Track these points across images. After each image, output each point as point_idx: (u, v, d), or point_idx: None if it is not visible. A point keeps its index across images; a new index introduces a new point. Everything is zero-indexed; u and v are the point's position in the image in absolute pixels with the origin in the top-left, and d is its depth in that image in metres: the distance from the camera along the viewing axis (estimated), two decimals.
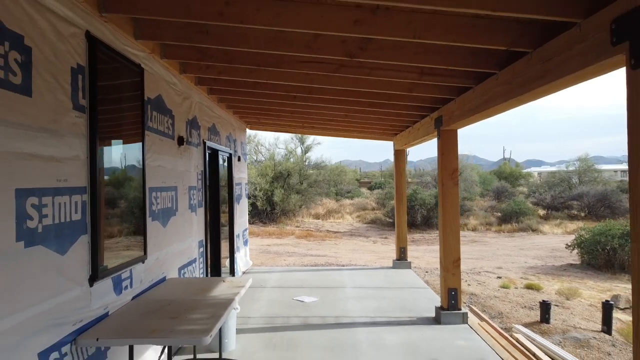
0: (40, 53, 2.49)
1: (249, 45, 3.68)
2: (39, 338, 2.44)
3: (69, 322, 2.72)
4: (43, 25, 2.54)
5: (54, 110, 2.63)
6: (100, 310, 3.10)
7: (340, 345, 4.80)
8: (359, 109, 6.26)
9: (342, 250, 15.48)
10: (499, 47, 3.19)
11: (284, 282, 7.93)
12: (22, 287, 2.31)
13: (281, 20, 3.07)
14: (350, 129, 8.61)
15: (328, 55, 3.78)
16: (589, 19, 2.51)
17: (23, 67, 2.36)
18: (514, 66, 3.47)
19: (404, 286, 7.56)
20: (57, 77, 2.65)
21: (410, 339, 5.01)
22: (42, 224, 2.47)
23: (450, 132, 5.55)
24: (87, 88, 2.99)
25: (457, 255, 5.56)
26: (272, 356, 4.52)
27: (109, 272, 3.20)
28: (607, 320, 6.08)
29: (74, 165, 2.82)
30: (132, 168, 3.69)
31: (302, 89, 5.29)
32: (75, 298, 2.81)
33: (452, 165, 5.61)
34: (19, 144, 2.31)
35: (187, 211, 5.18)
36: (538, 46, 3.07)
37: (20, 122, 2.33)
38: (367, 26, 3.07)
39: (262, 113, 7.61)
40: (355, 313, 6.01)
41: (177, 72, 4.78)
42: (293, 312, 6.04)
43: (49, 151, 2.56)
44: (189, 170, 5.29)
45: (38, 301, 2.44)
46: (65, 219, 2.70)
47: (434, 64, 3.76)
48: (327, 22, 3.06)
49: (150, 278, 4.02)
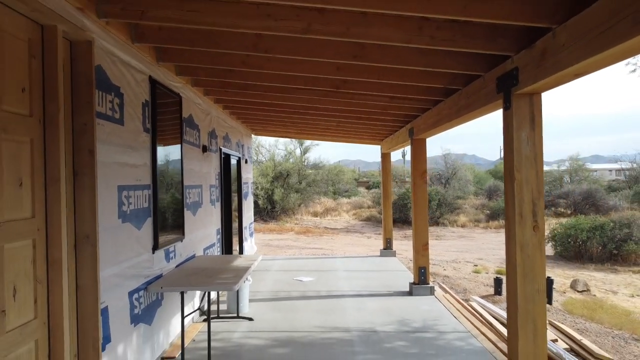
0: (127, 96, 3.80)
1: (263, 80, 4.98)
2: (129, 282, 3.75)
3: (142, 275, 4.03)
4: (129, 77, 3.84)
5: (134, 133, 3.93)
6: (158, 271, 4.40)
7: (331, 309, 6.12)
8: (348, 121, 7.57)
9: (338, 244, 16.79)
10: (440, 85, 4.50)
11: (286, 267, 9.24)
12: (120, 248, 3.61)
13: (288, 67, 4.38)
14: (342, 135, 9.91)
15: (321, 88, 5.09)
16: (488, 74, 3.81)
17: (119, 107, 3.66)
18: (453, 97, 4.78)
19: (387, 270, 8.87)
20: (135, 111, 3.96)
21: (386, 305, 6.32)
22: (129, 208, 3.78)
23: (420, 141, 6.86)
24: (150, 115, 4.29)
25: (425, 240, 6.87)
26: (277, 316, 5.83)
27: (162, 245, 4.51)
28: (549, 294, 7.41)
29: (144, 170, 4.12)
30: (175, 171, 4.99)
31: (302, 106, 6.58)
32: (145, 260, 4.11)
33: (422, 167, 6.92)
34: (118, 157, 3.61)
35: (209, 205, 6.49)
36: (465, 86, 4.38)
37: (118, 142, 3.63)
38: (345, 71, 4.38)
39: (267, 122, 8.91)
40: (345, 288, 7.32)
41: (202, 95, 6.09)
42: (293, 288, 7.35)
43: (131, 160, 3.86)
44: (210, 172, 6.60)
45: (128, 259, 3.74)
46: (140, 205, 4.01)
47: (399, 93, 5.07)
48: (319, 69, 4.37)
49: (186, 253, 5.33)
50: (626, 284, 11.22)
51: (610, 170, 56.45)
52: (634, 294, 10.29)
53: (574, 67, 2.57)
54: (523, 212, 3.31)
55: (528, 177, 3.31)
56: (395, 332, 5.21)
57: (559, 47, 2.70)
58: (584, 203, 27.85)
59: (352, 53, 3.80)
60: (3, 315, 2.45)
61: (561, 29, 2.68)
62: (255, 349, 4.68)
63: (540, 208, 3.30)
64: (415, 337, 5.04)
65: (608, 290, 10.66)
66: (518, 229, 3.32)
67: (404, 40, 3.25)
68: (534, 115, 3.30)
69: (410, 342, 4.90)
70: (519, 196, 3.30)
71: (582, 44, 2.47)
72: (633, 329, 6.35)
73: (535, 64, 3.00)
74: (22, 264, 2.62)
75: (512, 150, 3.33)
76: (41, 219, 2.79)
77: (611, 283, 11.32)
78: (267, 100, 6.15)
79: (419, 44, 3.27)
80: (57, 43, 2.86)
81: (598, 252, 13.80)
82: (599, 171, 49.85)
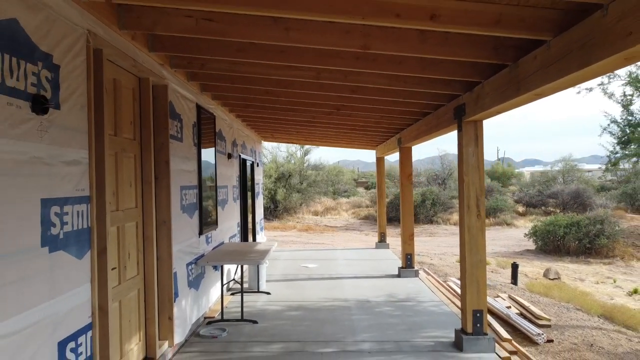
0: (184, 120, 5.17)
1: (280, 103, 6.35)
2: (186, 257, 5.12)
3: (193, 253, 5.40)
4: (185, 106, 5.22)
5: (188, 147, 5.31)
6: (202, 251, 5.78)
7: (332, 287, 7.49)
8: (346, 131, 8.94)
9: (338, 240, 18.16)
10: (416, 109, 5.89)
11: (293, 256, 10.62)
12: (181, 232, 4.98)
13: (301, 96, 5.76)
14: (341, 142, 11.30)
15: (325, 109, 6.47)
16: (448, 105, 5.20)
17: (180, 129, 5.03)
18: (427, 118, 6.17)
19: (381, 258, 10.26)
20: (189, 130, 5.34)
21: (378, 284, 7.70)
22: (186, 202, 5.16)
23: (406, 148, 8.24)
24: (197, 133, 5.67)
25: (411, 231, 8.26)
26: (289, 292, 7.20)
27: (204, 232, 5.88)
28: (514, 275, 8.81)
29: (194, 174, 5.50)
30: (210, 174, 6.36)
31: (307, 121, 7.96)
32: (195, 242, 5.48)
33: (408, 170, 8.30)
34: (180, 165, 4.98)
35: (232, 202, 7.86)
36: (435, 109, 5.76)
37: (180, 155, 5.00)
38: (345, 100, 5.77)
39: (276, 131, 10.29)
40: (343, 272, 8.70)
41: (227, 112, 7.47)
42: (300, 272, 8.73)
43: (187, 167, 5.23)
44: (232, 175, 7.97)
45: (185, 240, 5.12)
46: (192, 201, 5.39)
47: (387, 113, 6.45)
48: (324, 98, 5.76)
49: (218, 240, 6.70)
50: (594, 273, 12.62)
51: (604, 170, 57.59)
52: (599, 281, 11.69)
53: (493, 108, 3.96)
54: (470, 205, 4.69)
55: (473, 180, 4.68)
56: (384, 301, 6.59)
57: (484, 94, 4.09)
58: (572, 202, 29.26)
59: (350, 88, 5.18)
60: (125, 269, 3.83)
61: (486, 83, 4.07)
62: (275, 312, 6.06)
63: (482, 202, 4.68)
64: (399, 305, 6.42)
65: (577, 278, 12.05)
66: (466, 217, 4.70)
67: (385, 84, 4.64)
68: (477, 136, 4.68)
69: (395, 307, 6.28)
70: (467, 193, 4.68)
71: (496, 94, 3.85)
72: (579, 303, 7.73)
73: (474, 102, 4.38)
74: (132, 237, 4.00)
75: (462, 161, 4.71)
76: (140, 208, 4.17)
77: (581, 272, 12.71)
78: (279, 116, 7.52)
79: (397, 87, 4.66)
80: (149, 90, 4.25)
81: (574, 246, 15.18)
82: (596, 171, 50.98)
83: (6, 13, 2.23)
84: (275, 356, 4.56)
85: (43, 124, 2.49)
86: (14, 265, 2.24)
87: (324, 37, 3.38)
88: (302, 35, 3.36)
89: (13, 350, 2.23)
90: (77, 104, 2.85)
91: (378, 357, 4.52)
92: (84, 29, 2.94)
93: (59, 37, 2.66)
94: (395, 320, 5.69)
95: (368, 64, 4.08)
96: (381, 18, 2.86)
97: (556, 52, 2.86)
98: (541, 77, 3.05)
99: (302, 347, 4.80)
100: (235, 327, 5.43)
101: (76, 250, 2.83)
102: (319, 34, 3.36)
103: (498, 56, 3.47)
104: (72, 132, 2.79)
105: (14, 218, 2.25)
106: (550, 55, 2.93)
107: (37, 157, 2.44)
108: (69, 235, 2.74)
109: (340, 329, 5.33)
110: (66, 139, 2.72)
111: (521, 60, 3.39)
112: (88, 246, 2.98)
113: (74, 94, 2.82)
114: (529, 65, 3.26)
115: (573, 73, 2.66)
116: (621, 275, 12.76)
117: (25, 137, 2.34)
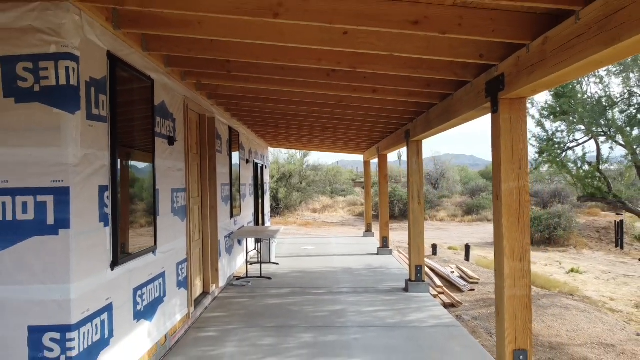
0: (223, 138, 7.57)
1: (288, 117, 8.75)
2: (224, 232, 7.53)
3: (227, 230, 7.81)
4: (223, 129, 7.61)
5: (224, 157, 7.70)
6: (232, 229, 8.18)
7: (325, 260, 9.91)
8: (338, 139, 11.36)
9: (334, 233, 20.58)
10: (385, 130, 8.30)
11: (295, 242, 13.05)
12: (221, 214, 7.37)
13: (305, 110, 8.17)
14: (334, 148, 13.73)
15: (322, 126, 8.88)
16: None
17: (221, 145, 7.44)
18: (391, 136, 8.57)
19: (365, 243, 12.69)
20: (225, 145, 7.74)
21: (360, 259, 10.12)
22: (222, 195, 7.56)
23: (383, 155, 10.66)
24: (229, 146, 8.06)
25: (386, 220, 10.68)
26: (293, 263, 9.61)
27: (233, 216, 8.27)
28: (467, 253, 11.24)
29: (227, 176, 7.90)
30: (236, 175, 8.76)
31: (305, 135, 10.35)
32: (228, 222, 7.88)
33: (384, 172, 10.72)
34: (220, 169, 7.37)
35: (249, 196, 10.28)
36: (395, 131, 8.16)
37: (221, 162, 7.39)
38: (335, 121, 8.17)
39: (280, 138, 12.70)
40: (335, 252, 11.12)
41: (246, 128, 9.87)
42: (302, 251, 11.15)
43: (223, 171, 7.62)
44: (249, 175, 10.39)
45: (223, 220, 7.51)
46: (226, 194, 7.79)
47: (365, 131, 8.85)
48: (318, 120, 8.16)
49: (241, 223, 9.11)
50: (547, 258, 15.03)
51: None
52: (547, 264, 14.10)
53: (426, 132, 6.36)
54: (414, 196, 7.08)
55: (416, 179, 7.08)
56: (362, 269, 9.00)
57: (418, 124, 6.49)
58: (552, 200, 31.71)
59: (339, 114, 7.58)
60: (194, 234, 6.23)
61: (430, 112, 6.47)
62: (283, 274, 8.47)
63: (421, 194, 7.07)
64: (373, 271, 8.83)
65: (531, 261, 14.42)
66: (411, 203, 7.10)
67: (361, 115, 7.04)
68: (418, 151, 7.07)
69: (370, 272, 8.69)
70: (412, 188, 7.08)
71: (437, 121, 6.25)
72: None
73: (414, 129, 6.78)
74: (197, 215, 6.41)
75: (409, 166, 7.10)
76: (200, 197, 6.58)
77: (536, 257, 15.11)
78: (284, 127, 9.94)
79: (371, 116, 7.07)
80: (205, 121, 6.66)
81: (537, 237, 17.58)
82: None
83: (161, 98, 4.64)
84: (285, 294, 6.97)
85: (171, 150, 4.90)
86: (165, 219, 4.65)
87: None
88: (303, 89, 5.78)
89: (162, 261, 4.63)
90: (180, 137, 5.27)
91: (352, 295, 6.93)
92: (182, 95, 5.35)
93: (176, 103, 5.08)
94: (367, 279, 8.10)
95: (349, 104, 6.50)
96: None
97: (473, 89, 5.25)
98: (466, 105, 5.45)
99: (303, 290, 7.21)
100: (256, 281, 7.84)
101: (181, 217, 5.23)
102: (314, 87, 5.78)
103: (430, 95, 5.83)
104: (180, 153, 5.21)
105: (165, 199, 4.66)
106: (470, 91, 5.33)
107: (170, 167, 4.85)
108: (179, 208, 5.15)
109: (328, 282, 7.75)
110: (178, 157, 5.13)
111: (455, 94, 5.78)
112: (185, 215, 5.39)
113: (180, 132, 5.23)
114: (457, 99, 5.65)
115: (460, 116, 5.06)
116: (571, 260, 15.17)
117: (166, 157, 4.75)
